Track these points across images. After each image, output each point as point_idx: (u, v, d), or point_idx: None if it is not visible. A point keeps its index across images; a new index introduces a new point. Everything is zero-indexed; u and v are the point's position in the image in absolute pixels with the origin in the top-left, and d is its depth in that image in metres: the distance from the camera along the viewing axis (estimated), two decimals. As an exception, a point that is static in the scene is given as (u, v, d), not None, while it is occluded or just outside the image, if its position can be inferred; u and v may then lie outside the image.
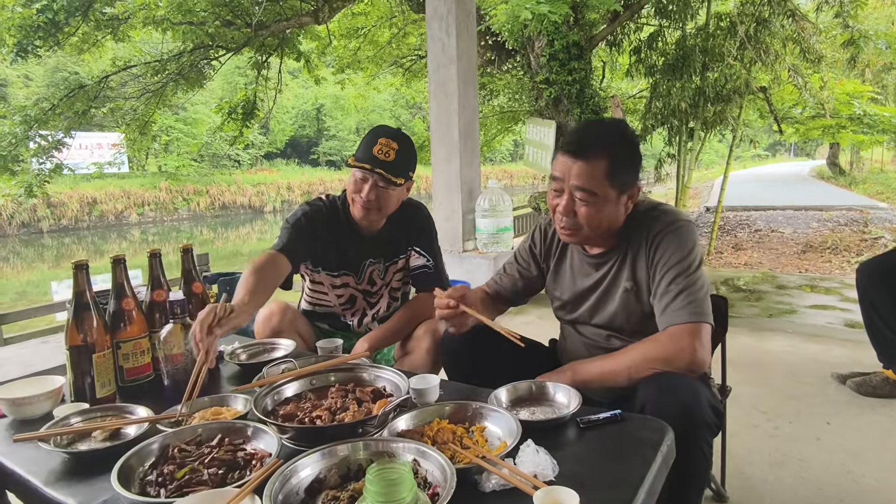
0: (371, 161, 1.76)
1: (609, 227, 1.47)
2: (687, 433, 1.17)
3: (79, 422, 1.21)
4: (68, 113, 8.90)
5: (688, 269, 1.40)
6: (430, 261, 1.98)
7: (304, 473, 0.91)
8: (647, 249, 1.47)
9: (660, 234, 1.45)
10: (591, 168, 1.40)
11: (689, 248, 1.43)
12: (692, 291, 1.37)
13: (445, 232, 4.71)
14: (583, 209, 1.43)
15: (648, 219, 1.49)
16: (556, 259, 1.69)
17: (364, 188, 1.79)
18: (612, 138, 1.44)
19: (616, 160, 1.40)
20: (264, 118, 10.90)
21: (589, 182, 1.40)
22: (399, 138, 1.82)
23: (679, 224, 1.46)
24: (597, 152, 1.40)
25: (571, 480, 0.93)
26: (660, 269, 1.42)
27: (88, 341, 1.34)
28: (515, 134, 12.91)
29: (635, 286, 1.49)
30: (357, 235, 1.94)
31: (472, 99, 4.56)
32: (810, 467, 2.10)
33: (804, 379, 2.95)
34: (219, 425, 1.13)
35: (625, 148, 1.44)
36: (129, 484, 0.96)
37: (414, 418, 1.15)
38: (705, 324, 1.35)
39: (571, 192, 1.43)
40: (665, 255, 1.42)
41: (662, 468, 1.00)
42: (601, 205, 1.42)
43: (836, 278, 5.93)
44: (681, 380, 1.26)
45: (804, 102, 8.79)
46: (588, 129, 1.49)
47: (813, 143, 32.73)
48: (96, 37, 8.48)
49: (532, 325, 4.09)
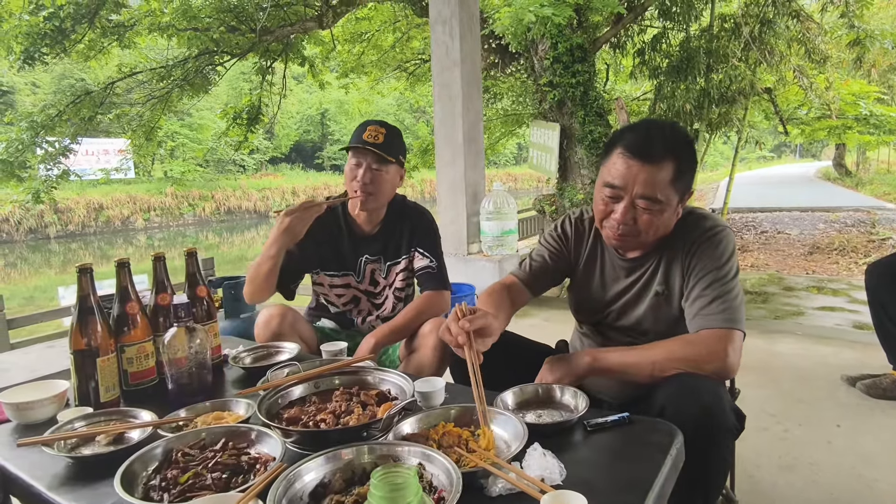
0: (363, 143, 1.86)
1: (663, 233, 1.42)
2: (708, 437, 1.15)
3: (82, 426, 1.21)
4: (74, 119, 8.96)
5: (724, 276, 1.36)
6: (434, 261, 1.99)
7: (309, 478, 0.89)
8: (683, 255, 1.43)
9: (698, 240, 1.42)
10: (658, 174, 1.33)
11: (727, 255, 1.40)
12: (728, 299, 1.33)
13: (450, 235, 4.71)
14: (645, 217, 1.36)
15: (686, 224, 1.45)
16: (585, 258, 1.63)
17: (359, 172, 1.87)
18: (678, 141, 1.37)
19: (681, 165, 1.35)
20: (269, 123, 10.94)
21: (656, 189, 1.33)
22: (386, 125, 1.93)
23: (717, 230, 1.42)
24: (664, 157, 1.33)
25: (579, 484, 0.92)
26: (695, 274, 1.39)
27: (92, 345, 1.34)
28: (519, 137, 12.90)
29: (667, 291, 1.45)
30: (354, 234, 2.01)
31: (476, 102, 4.56)
32: (821, 471, 2.08)
33: (813, 381, 2.92)
34: (223, 429, 1.12)
35: (689, 151, 1.38)
36: (132, 488, 0.95)
37: (419, 422, 1.14)
38: (739, 331, 1.31)
39: (633, 199, 1.35)
40: (702, 262, 1.39)
41: (672, 472, 0.99)
42: (663, 212, 1.36)
43: (843, 280, 5.89)
44: (703, 382, 1.23)
45: (809, 103, 8.76)
46: (653, 131, 1.38)
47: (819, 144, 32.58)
48: (102, 44, 8.54)
49: (538, 327, 4.07)
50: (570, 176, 7.04)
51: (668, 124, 1.44)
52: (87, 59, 8.88)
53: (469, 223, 4.60)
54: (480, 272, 4.44)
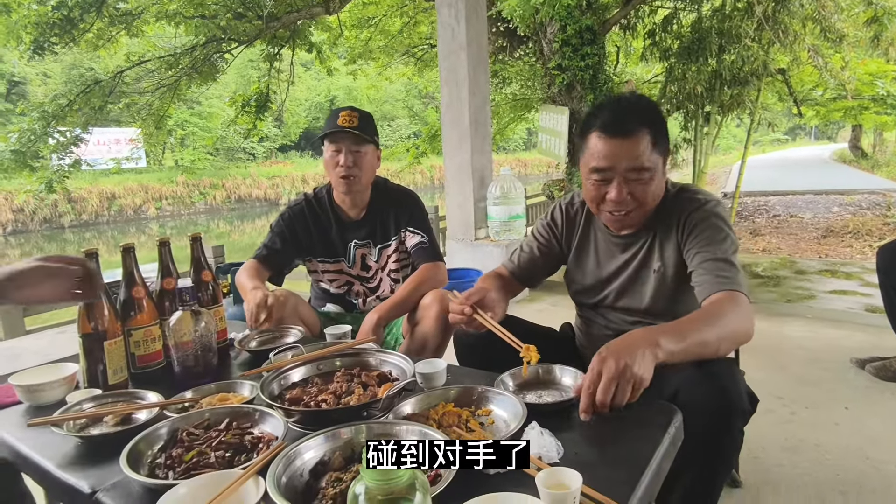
0: (339, 128, 1.91)
1: (657, 200, 1.45)
2: (723, 419, 1.15)
3: (91, 407, 1.23)
4: (85, 109, 9.02)
5: (727, 247, 1.37)
6: (424, 236, 2.04)
7: (308, 455, 0.91)
8: (677, 231, 1.45)
9: (691, 215, 1.43)
10: (639, 145, 1.36)
11: (725, 228, 1.41)
12: (735, 266, 1.35)
13: (457, 220, 4.70)
14: (639, 187, 1.40)
15: (678, 201, 1.48)
16: (578, 240, 1.65)
17: (340, 158, 1.92)
18: (648, 110, 1.42)
19: (655, 131, 1.38)
20: (277, 111, 10.95)
21: (642, 159, 1.37)
22: (357, 109, 1.98)
23: (713, 203, 1.44)
24: (640, 128, 1.37)
25: (576, 462, 0.92)
26: (697, 241, 1.40)
27: (100, 329, 1.36)
28: (528, 122, 12.81)
29: (663, 267, 1.47)
30: (341, 221, 2.06)
31: (483, 85, 4.52)
32: (827, 452, 2.07)
33: (822, 364, 2.90)
34: (227, 410, 1.14)
35: (658, 117, 1.42)
36: (138, 466, 0.98)
37: (419, 402, 1.15)
38: (745, 296, 1.31)
39: (623, 174, 1.39)
40: (701, 237, 1.40)
41: (670, 449, 0.99)
42: (654, 178, 1.40)
43: (856, 263, 5.82)
44: (719, 365, 1.22)
45: (825, 84, 8.61)
46: (622, 108, 1.42)
47: (834, 126, 32.06)
48: (110, 33, 8.58)
49: (545, 312, 4.07)
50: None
51: (634, 97, 1.48)
52: (95, 49, 8.92)
53: (476, 208, 4.59)
54: (488, 257, 4.44)
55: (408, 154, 12.14)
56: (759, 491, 1.86)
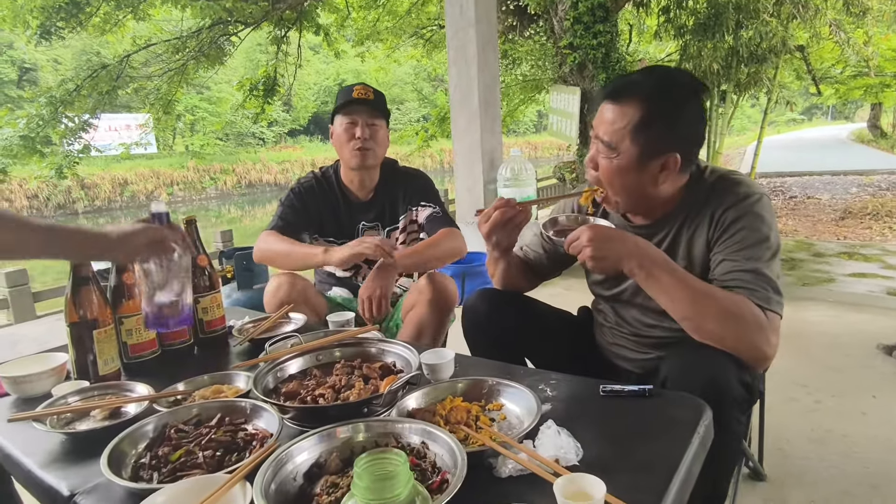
0: (355, 100, 1.87)
1: (635, 196, 1.25)
2: (714, 410, 1.06)
3: (76, 401, 1.16)
4: (92, 94, 8.96)
5: (764, 254, 1.17)
6: (437, 207, 1.99)
7: (302, 458, 0.83)
8: (709, 228, 1.24)
9: (727, 213, 1.21)
10: (618, 116, 1.19)
11: (765, 229, 1.18)
12: (770, 279, 1.15)
13: (467, 202, 4.60)
14: (602, 163, 1.24)
15: (714, 191, 1.25)
16: None
17: (356, 130, 1.86)
18: (655, 85, 1.18)
19: (649, 112, 1.16)
20: (286, 94, 10.84)
21: (608, 131, 1.20)
22: (370, 85, 1.93)
23: (754, 199, 1.20)
24: (631, 98, 1.18)
25: (596, 465, 0.84)
26: (729, 245, 1.19)
27: (88, 317, 1.29)
28: (539, 104, 12.58)
29: (689, 266, 1.27)
30: (349, 201, 1.99)
31: (492, 64, 4.39)
32: (855, 444, 1.97)
33: (847, 350, 2.79)
34: (218, 404, 1.07)
35: (667, 97, 1.17)
36: (120, 467, 0.91)
37: (425, 396, 1.07)
38: (778, 315, 1.14)
39: (597, 142, 1.25)
40: (739, 234, 1.18)
41: (700, 451, 0.90)
42: (619, 164, 1.20)
43: (876, 245, 5.65)
44: (707, 352, 1.11)
45: (845, 60, 8.34)
46: (636, 73, 1.24)
47: (852, 105, 31.35)
48: (117, 16, 8.50)
49: (559, 297, 3.97)
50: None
51: (663, 68, 1.28)
52: (103, 33, 8.86)
53: (486, 190, 4.48)
54: (498, 241, 4.34)
55: (417, 137, 11.99)
56: (784, 484, 1.77)
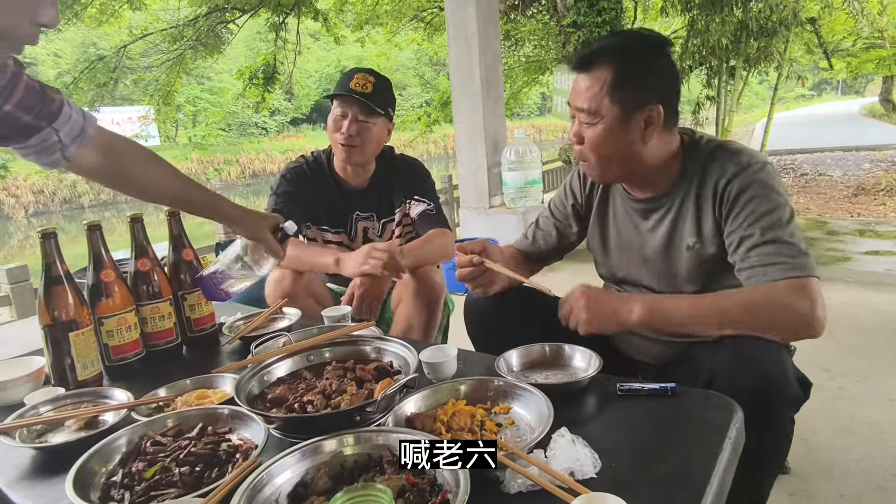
0: (349, 91, 1.73)
1: (626, 159, 1.21)
2: (768, 410, 0.98)
3: (49, 411, 1.08)
4: (91, 86, 8.87)
5: (779, 221, 1.11)
6: (431, 204, 1.88)
7: (285, 477, 0.73)
8: (715, 202, 1.19)
9: (736, 179, 1.16)
10: (591, 81, 1.18)
11: (775, 196, 1.13)
12: (793, 243, 1.09)
13: (470, 187, 4.49)
14: (587, 133, 1.21)
15: (717, 159, 1.20)
16: (597, 206, 1.44)
17: (344, 124, 1.73)
18: (619, 45, 1.20)
19: (621, 70, 1.15)
20: (286, 82, 10.69)
21: (588, 98, 1.18)
22: (375, 74, 1.78)
23: (759, 167, 1.16)
24: (599, 62, 1.17)
25: (615, 479, 0.75)
26: (741, 220, 1.14)
27: (64, 318, 1.20)
28: (543, 86, 12.36)
29: (700, 242, 1.22)
30: (343, 190, 1.89)
31: (493, 42, 4.25)
32: (883, 432, 1.87)
33: (869, 332, 2.68)
34: (200, 412, 0.98)
35: (636, 53, 1.18)
36: (89, 487, 0.82)
37: (425, 399, 0.98)
38: (814, 278, 1.07)
39: (577, 114, 1.22)
40: (749, 206, 1.13)
41: (732, 458, 0.80)
42: (605, 127, 1.18)
43: (891, 221, 5.52)
44: (760, 345, 1.02)
45: (858, 32, 8.10)
46: (599, 40, 1.25)
47: (863, 80, 30.76)
48: (114, 7, 8.36)
49: (566, 283, 3.86)
50: (598, 122, 6.68)
51: (627, 31, 1.26)
52: (100, 24, 8.74)
53: (490, 174, 4.37)
54: (503, 225, 4.23)
55: (419, 122, 11.82)
56: (809, 478, 1.68)
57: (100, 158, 1.17)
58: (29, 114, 1.05)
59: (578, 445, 0.79)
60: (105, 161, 1.18)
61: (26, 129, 1.07)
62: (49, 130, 1.09)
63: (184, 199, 1.27)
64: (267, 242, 1.29)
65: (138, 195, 1.27)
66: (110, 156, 1.19)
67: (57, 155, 1.12)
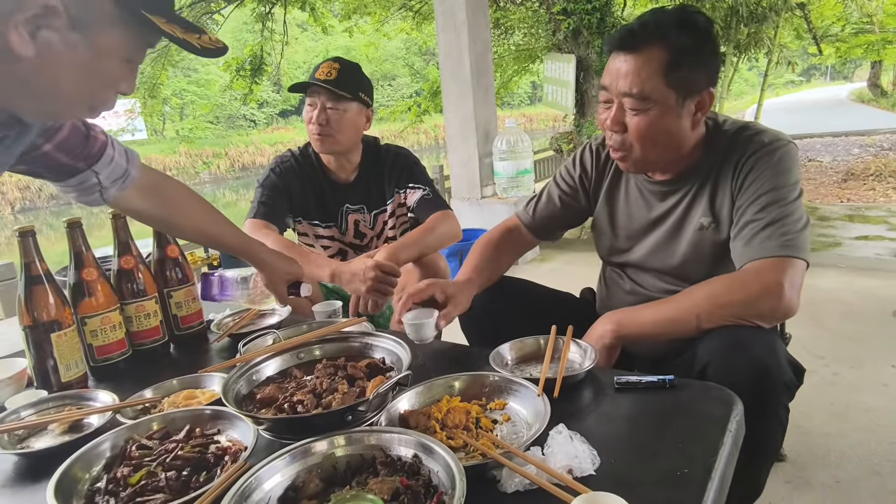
0: (314, 80, 1.73)
1: (671, 147, 1.16)
2: (762, 399, 0.96)
3: (30, 414, 1.04)
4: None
5: (783, 198, 1.10)
6: (427, 188, 1.85)
7: (272, 483, 0.71)
8: (733, 177, 1.17)
9: (752, 157, 1.14)
10: (641, 63, 1.09)
11: (787, 174, 1.12)
12: (787, 223, 1.08)
13: (462, 178, 4.46)
14: (634, 120, 1.12)
15: (739, 141, 1.18)
16: (608, 185, 1.39)
17: (314, 114, 1.74)
18: (670, 23, 1.09)
19: (677, 51, 1.07)
20: (274, 73, 10.56)
21: (639, 82, 1.09)
22: (341, 60, 1.79)
23: (778, 145, 1.15)
24: (650, 43, 1.08)
25: (614, 476, 0.73)
26: (747, 196, 1.13)
27: (45, 319, 1.16)
28: (533, 74, 12.28)
29: (714, 222, 1.20)
30: (331, 182, 1.87)
31: (483, 30, 4.20)
32: (878, 418, 1.88)
33: (862, 318, 2.68)
34: (187, 414, 0.95)
35: (691, 35, 1.09)
36: (71, 495, 0.79)
37: (419, 396, 0.95)
38: (798, 259, 1.06)
39: (619, 98, 1.13)
40: (756, 182, 1.13)
41: (733, 452, 0.78)
42: (658, 114, 1.11)
43: (881, 206, 5.55)
44: (752, 332, 1.01)
45: (847, 17, 8.10)
46: (644, 17, 1.13)
47: (851, 65, 30.87)
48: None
49: (558, 272, 3.86)
50: (588, 111, 6.64)
51: (672, 8, 1.16)
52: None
53: (481, 164, 4.33)
54: (496, 216, 4.20)
55: (409, 113, 11.73)
56: (805, 465, 1.68)
57: (142, 201, 1.20)
58: (68, 155, 1.05)
59: (576, 442, 0.77)
60: (147, 204, 1.22)
61: (63, 169, 1.07)
62: (89, 172, 1.09)
63: (221, 243, 1.34)
64: (278, 293, 1.38)
65: (179, 237, 1.35)
66: (153, 199, 1.22)
67: (96, 195, 1.13)
